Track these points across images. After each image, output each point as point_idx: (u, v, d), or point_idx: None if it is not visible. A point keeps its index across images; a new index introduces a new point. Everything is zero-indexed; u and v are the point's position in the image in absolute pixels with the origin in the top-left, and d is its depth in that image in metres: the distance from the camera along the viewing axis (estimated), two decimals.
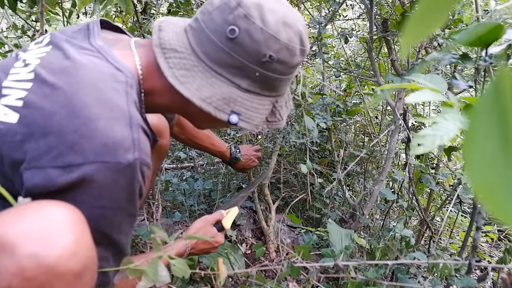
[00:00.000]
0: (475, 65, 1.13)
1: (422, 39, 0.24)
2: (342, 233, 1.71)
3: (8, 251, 0.61)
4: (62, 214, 0.69)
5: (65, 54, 0.85)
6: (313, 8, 2.97)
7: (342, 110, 2.62)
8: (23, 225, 0.64)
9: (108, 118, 0.77)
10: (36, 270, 0.62)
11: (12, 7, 1.49)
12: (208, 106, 0.90)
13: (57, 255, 0.64)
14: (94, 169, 0.74)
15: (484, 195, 0.23)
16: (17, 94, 0.79)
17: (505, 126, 0.23)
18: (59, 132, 0.74)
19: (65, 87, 0.78)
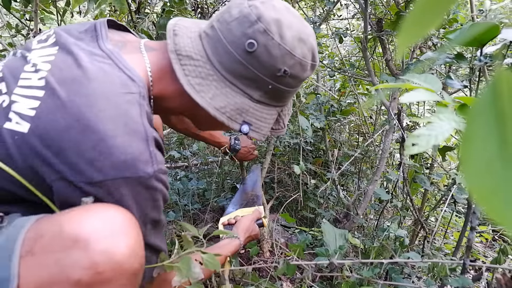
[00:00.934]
0: (470, 65, 1.13)
1: (418, 40, 0.24)
2: (336, 233, 1.71)
3: (82, 246, 0.66)
4: (122, 216, 0.74)
5: (76, 60, 0.84)
6: (307, 8, 2.96)
7: (337, 109, 2.62)
8: (93, 223, 0.69)
9: (124, 134, 0.78)
10: (106, 266, 0.67)
11: (6, 6, 1.48)
12: (222, 116, 0.92)
13: (124, 253, 0.70)
14: (117, 184, 0.76)
15: (481, 198, 0.22)
16: (29, 103, 0.79)
17: (503, 129, 0.22)
18: (76, 148, 0.75)
19: (78, 100, 0.78)
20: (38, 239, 0.68)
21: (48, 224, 0.70)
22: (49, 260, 0.66)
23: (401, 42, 0.28)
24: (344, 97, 2.84)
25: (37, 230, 0.70)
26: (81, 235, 0.67)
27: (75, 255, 0.66)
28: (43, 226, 0.70)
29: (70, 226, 0.68)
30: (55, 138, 0.75)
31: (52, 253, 0.66)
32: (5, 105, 0.80)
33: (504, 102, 0.23)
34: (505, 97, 0.23)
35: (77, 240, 0.67)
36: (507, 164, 0.22)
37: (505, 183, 0.22)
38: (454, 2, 0.27)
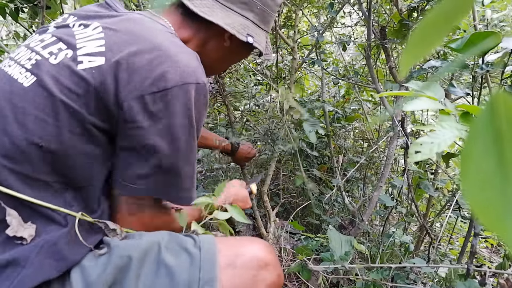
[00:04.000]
0: (472, 73, 1.14)
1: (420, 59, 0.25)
2: (342, 240, 1.71)
3: (269, 269, 0.96)
4: (271, 248, 1.04)
5: (115, 16, 1.02)
6: (311, 15, 2.98)
7: (341, 116, 2.63)
8: (271, 253, 1.00)
9: (183, 52, 0.96)
10: (279, 283, 0.99)
11: (14, 17, 1.51)
12: (233, 29, 1.11)
13: (282, 278, 1.02)
14: (184, 89, 0.92)
15: (479, 212, 0.24)
16: (94, 43, 0.92)
17: (500, 147, 0.24)
18: (149, 65, 0.89)
19: (139, 30, 0.95)
20: (237, 257, 0.94)
21: (240, 248, 0.98)
22: (248, 274, 0.93)
23: (405, 62, 0.30)
24: (349, 104, 2.85)
25: (231, 250, 0.96)
26: (270, 262, 0.97)
27: (265, 274, 0.95)
28: (236, 248, 0.97)
29: (261, 254, 0.97)
30: (129, 61, 0.89)
31: (251, 270, 0.94)
32: (70, 56, 0.91)
33: (501, 122, 0.24)
34: (502, 117, 0.24)
35: (267, 264, 0.96)
36: (504, 180, 0.24)
37: (503, 198, 0.24)
38: (459, 20, 0.28)
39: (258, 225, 2.01)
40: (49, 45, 0.94)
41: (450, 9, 0.26)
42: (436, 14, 0.27)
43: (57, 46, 0.93)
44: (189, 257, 0.91)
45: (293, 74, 2.39)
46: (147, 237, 0.93)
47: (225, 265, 0.92)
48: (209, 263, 0.91)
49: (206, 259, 0.92)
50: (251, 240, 1.04)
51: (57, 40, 0.94)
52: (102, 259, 0.87)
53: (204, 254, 0.92)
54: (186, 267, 0.90)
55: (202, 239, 0.96)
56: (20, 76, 0.90)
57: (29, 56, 0.93)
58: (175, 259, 0.91)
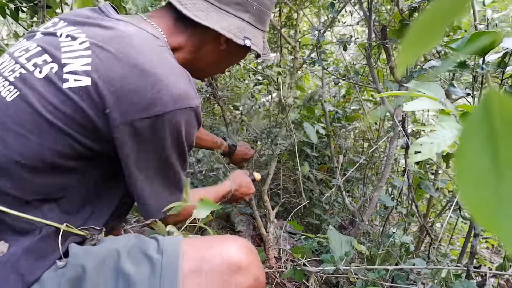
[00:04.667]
0: (473, 73, 1.14)
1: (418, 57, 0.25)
2: (342, 240, 1.71)
3: (244, 273, 0.88)
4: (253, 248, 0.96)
5: (105, 27, 0.96)
6: (312, 15, 2.98)
7: (342, 116, 2.63)
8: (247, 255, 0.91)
9: (173, 74, 0.92)
10: (257, 287, 0.91)
11: (14, 17, 1.50)
12: (229, 33, 1.07)
13: (263, 280, 0.95)
14: (175, 115, 0.90)
15: (474, 210, 0.24)
16: (81, 61, 0.88)
17: (494, 145, 0.24)
18: (138, 89, 0.86)
19: (128, 50, 0.90)
20: (204, 261, 0.86)
21: (208, 250, 0.89)
22: (218, 280, 0.85)
23: (402, 60, 0.29)
24: (349, 104, 2.85)
25: (197, 253, 0.88)
26: (243, 264, 0.88)
27: (239, 278, 0.87)
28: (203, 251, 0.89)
29: (234, 255, 0.89)
30: (116, 84, 0.86)
31: (221, 276, 0.86)
32: (55, 71, 0.87)
33: (495, 120, 0.24)
34: (496, 115, 0.24)
35: (240, 267, 0.88)
36: (498, 177, 0.24)
37: (497, 196, 0.24)
38: (455, 19, 0.28)
39: (258, 225, 2.01)
40: (33, 56, 0.91)
41: (447, 7, 0.26)
42: (432, 12, 0.26)
43: (42, 58, 0.90)
44: (149, 264, 0.85)
45: (294, 73, 2.39)
46: (109, 244, 0.90)
47: (189, 272, 0.85)
48: (171, 271, 0.84)
49: (168, 266, 0.84)
50: (223, 240, 0.94)
51: (42, 51, 0.91)
52: (60, 270, 0.84)
53: (166, 260, 0.85)
54: (146, 276, 0.83)
55: (166, 242, 0.89)
56: (3, 89, 0.87)
57: (13, 67, 0.90)
58: (135, 267, 0.84)
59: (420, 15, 0.27)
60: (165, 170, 0.98)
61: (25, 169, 0.84)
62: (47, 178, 0.87)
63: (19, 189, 0.84)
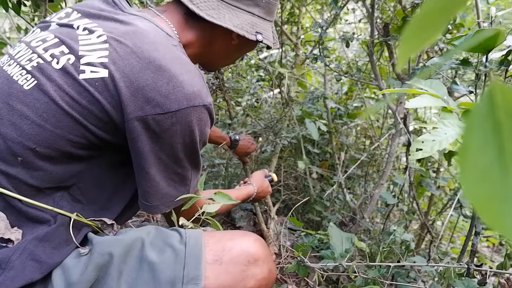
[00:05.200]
0: (476, 71, 1.13)
1: (419, 51, 0.25)
2: (343, 237, 1.71)
3: (259, 264, 0.95)
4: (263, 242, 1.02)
5: (121, 21, 0.97)
6: (314, 11, 2.97)
7: (344, 113, 2.62)
8: (263, 248, 0.98)
9: (187, 72, 0.92)
10: (270, 279, 0.98)
11: (16, 10, 1.50)
12: (242, 30, 1.09)
13: (275, 271, 1.01)
14: (188, 112, 0.90)
15: (479, 206, 0.23)
16: (98, 53, 0.89)
17: (499, 139, 0.23)
18: (153, 84, 0.87)
19: (145, 46, 0.90)
20: (224, 252, 0.93)
21: (228, 242, 0.95)
22: (236, 269, 0.91)
23: (402, 54, 0.29)
24: (351, 101, 2.84)
25: (218, 244, 0.94)
26: (260, 256, 0.95)
27: (255, 269, 0.94)
28: (223, 243, 0.95)
29: (251, 248, 0.96)
30: (132, 78, 0.87)
31: (239, 265, 0.92)
32: (72, 62, 0.88)
33: (499, 112, 0.24)
34: (500, 107, 0.24)
35: (257, 259, 0.95)
36: (504, 172, 0.23)
37: (503, 191, 0.23)
38: (455, 13, 0.28)
39: (259, 221, 2.01)
40: (51, 47, 0.91)
41: (447, 1, 0.26)
42: (433, 5, 0.26)
43: (59, 49, 0.91)
44: (173, 253, 0.90)
45: (298, 67, 2.38)
46: (132, 233, 0.93)
47: (211, 261, 0.91)
48: (194, 259, 0.89)
49: (191, 255, 0.90)
50: (241, 234, 1.02)
51: (60, 43, 0.92)
52: (84, 258, 0.86)
53: (189, 250, 0.90)
54: (170, 263, 0.88)
55: (188, 234, 0.94)
56: (20, 77, 0.88)
57: (30, 56, 0.91)
58: (159, 255, 0.89)
59: (420, 8, 0.27)
60: (176, 167, 0.97)
61: (39, 157, 0.85)
62: (60, 167, 0.88)
63: (33, 177, 0.85)
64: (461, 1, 0.26)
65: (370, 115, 2.70)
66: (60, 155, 0.87)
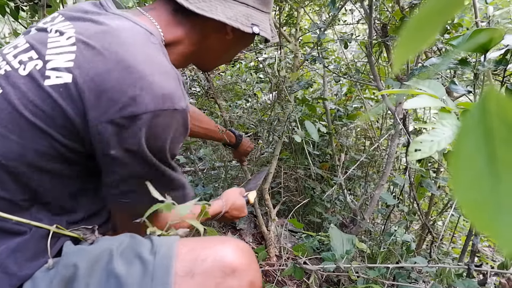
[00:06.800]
0: (474, 70, 1.13)
1: (416, 53, 0.24)
2: (343, 238, 1.71)
3: (237, 276, 0.84)
4: (250, 250, 0.93)
5: (96, 22, 0.91)
6: (313, 13, 2.97)
7: (343, 114, 2.62)
8: (242, 258, 0.87)
9: (160, 73, 0.86)
10: None
11: (14, 16, 1.50)
12: (236, 22, 1.03)
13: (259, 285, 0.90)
14: (156, 116, 0.83)
15: (469, 212, 0.23)
16: (65, 57, 0.84)
17: (491, 146, 0.23)
18: (119, 86, 0.81)
19: (114, 46, 0.85)
20: (197, 263, 0.83)
21: (202, 251, 0.85)
22: (210, 283, 0.82)
23: (398, 57, 0.29)
24: (351, 102, 2.84)
25: (191, 254, 0.85)
26: (238, 266, 0.85)
27: (232, 282, 0.83)
28: (197, 252, 0.85)
29: (228, 257, 0.85)
30: (97, 81, 0.81)
31: (214, 278, 0.82)
32: (39, 68, 0.84)
33: (492, 119, 0.24)
34: (493, 114, 0.24)
35: (235, 270, 0.84)
36: (495, 179, 0.23)
37: (494, 198, 0.23)
38: (452, 15, 0.28)
39: (259, 223, 2.01)
40: (20, 53, 0.88)
41: (444, 3, 0.26)
42: (429, 8, 0.26)
43: (28, 55, 0.87)
44: (142, 266, 0.82)
45: (295, 72, 2.39)
46: (103, 242, 0.88)
47: (183, 273, 0.82)
48: (163, 271, 0.81)
49: (160, 267, 0.82)
50: (219, 241, 0.91)
51: (30, 48, 0.88)
52: (51, 271, 0.82)
53: (158, 261, 0.82)
54: (137, 277, 0.81)
55: (160, 242, 0.86)
56: None
57: (0, 64, 0.87)
58: (127, 268, 0.82)
59: (417, 10, 0.27)
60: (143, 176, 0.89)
61: (9, 171, 0.81)
62: (30, 179, 0.84)
63: (4, 190, 0.82)
64: (459, 2, 0.26)
65: (370, 116, 2.70)
66: (29, 168, 0.83)
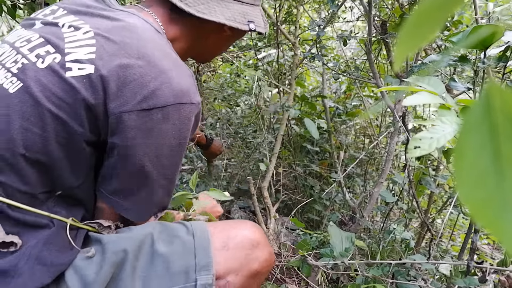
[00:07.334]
0: (474, 67, 1.13)
1: (416, 50, 0.24)
2: (342, 236, 1.70)
3: (261, 248, 1.00)
4: (261, 228, 1.07)
5: (108, 17, 0.94)
6: (312, 10, 2.97)
7: (342, 112, 2.62)
8: (262, 234, 1.04)
9: (176, 68, 0.91)
10: (271, 261, 1.03)
11: (11, 14, 1.49)
12: (235, 22, 1.07)
13: (274, 256, 1.07)
14: (175, 109, 0.88)
15: (474, 210, 0.23)
16: (85, 50, 0.86)
17: (496, 142, 0.23)
18: (141, 80, 0.85)
19: (134, 42, 0.88)
20: (230, 239, 0.97)
21: (231, 230, 1.00)
22: (242, 254, 0.97)
23: (398, 54, 0.28)
24: (350, 100, 2.83)
25: (223, 232, 0.99)
26: (260, 241, 1.01)
27: (258, 252, 0.99)
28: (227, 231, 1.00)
29: (252, 234, 1.01)
30: (120, 73, 0.84)
31: (244, 249, 0.97)
32: (58, 61, 0.85)
33: (496, 115, 0.23)
34: (497, 109, 0.23)
35: (259, 243, 1.00)
36: (500, 176, 0.23)
37: (499, 196, 0.22)
38: (452, 11, 0.27)
39: (259, 221, 2.00)
40: (36, 47, 0.88)
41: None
42: (429, 4, 0.25)
43: (45, 49, 0.87)
44: (182, 244, 0.93)
45: (294, 70, 2.38)
46: (139, 229, 0.93)
47: (219, 247, 0.95)
48: (204, 248, 0.93)
49: (200, 244, 0.93)
50: (241, 222, 1.08)
51: (45, 42, 0.89)
52: (95, 258, 0.85)
53: (198, 240, 0.94)
54: (180, 254, 0.91)
55: (194, 226, 0.97)
56: (6, 80, 0.84)
57: (15, 58, 0.87)
58: (169, 248, 0.91)
59: (417, 7, 0.26)
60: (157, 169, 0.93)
61: (31, 163, 0.82)
62: (51, 171, 0.85)
63: (26, 183, 0.83)
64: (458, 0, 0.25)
65: (369, 115, 2.69)
66: (51, 160, 0.84)
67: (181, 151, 0.96)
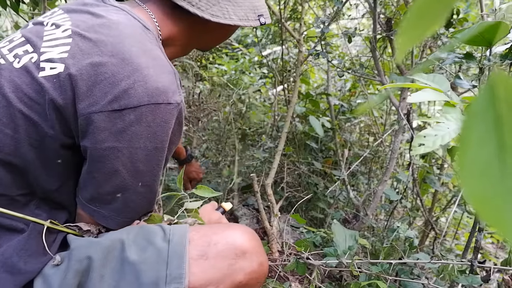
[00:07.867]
0: (479, 65, 1.12)
1: (418, 43, 0.24)
2: (346, 234, 1.70)
3: (248, 257, 0.89)
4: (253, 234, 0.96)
5: (94, 14, 0.90)
6: (317, 7, 2.96)
7: (347, 110, 2.61)
8: (252, 241, 0.93)
9: (155, 66, 0.85)
10: (261, 272, 0.92)
11: (15, 8, 1.49)
12: (248, 21, 1.04)
13: (266, 266, 0.95)
14: (150, 110, 0.82)
15: (478, 204, 0.22)
16: (59, 49, 0.83)
17: (500, 133, 0.22)
18: (112, 78, 0.80)
19: (110, 39, 0.84)
20: (210, 246, 0.88)
21: (213, 236, 0.90)
22: (223, 264, 0.87)
23: (401, 45, 0.28)
24: (355, 97, 2.83)
25: (203, 239, 0.89)
26: (248, 249, 0.90)
27: (243, 263, 0.88)
28: (209, 237, 0.90)
29: (239, 241, 0.90)
30: (91, 72, 0.80)
31: (226, 259, 0.87)
32: (34, 60, 0.83)
33: (501, 106, 0.23)
34: (502, 99, 0.22)
35: (245, 252, 0.89)
36: (504, 169, 0.22)
37: (503, 189, 0.22)
38: (453, 3, 0.27)
39: (262, 219, 2.00)
40: (16, 46, 0.87)
41: None
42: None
43: (24, 48, 0.86)
44: (156, 252, 0.85)
45: (299, 67, 2.37)
46: (111, 235, 0.88)
47: (196, 257, 0.86)
48: (177, 257, 0.85)
49: (174, 253, 0.85)
50: (229, 227, 0.97)
51: (25, 42, 0.87)
52: (62, 265, 0.82)
53: (172, 248, 0.86)
54: (152, 263, 0.83)
55: (173, 231, 0.89)
56: None
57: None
58: (140, 255, 0.84)
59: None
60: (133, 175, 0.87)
61: (5, 165, 0.81)
62: (25, 173, 0.83)
63: (2, 185, 0.81)
64: None
65: (374, 111, 2.68)
66: (24, 162, 0.82)
67: (159, 156, 0.89)
